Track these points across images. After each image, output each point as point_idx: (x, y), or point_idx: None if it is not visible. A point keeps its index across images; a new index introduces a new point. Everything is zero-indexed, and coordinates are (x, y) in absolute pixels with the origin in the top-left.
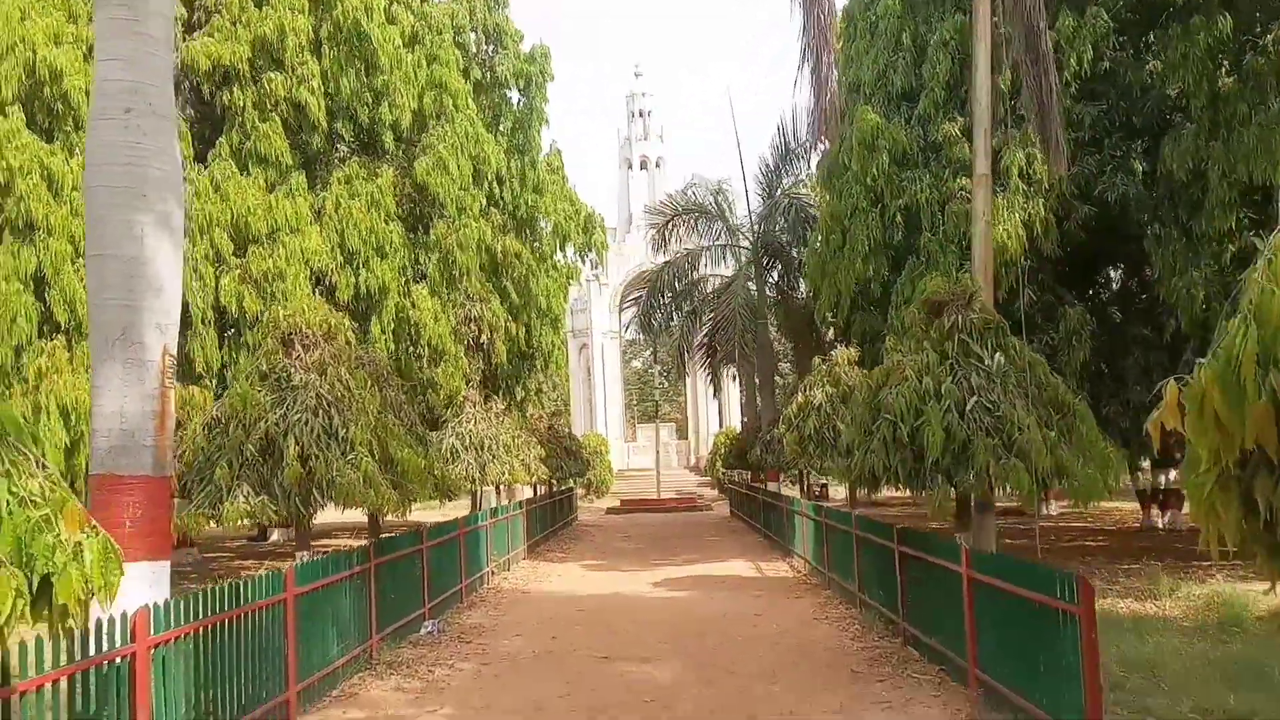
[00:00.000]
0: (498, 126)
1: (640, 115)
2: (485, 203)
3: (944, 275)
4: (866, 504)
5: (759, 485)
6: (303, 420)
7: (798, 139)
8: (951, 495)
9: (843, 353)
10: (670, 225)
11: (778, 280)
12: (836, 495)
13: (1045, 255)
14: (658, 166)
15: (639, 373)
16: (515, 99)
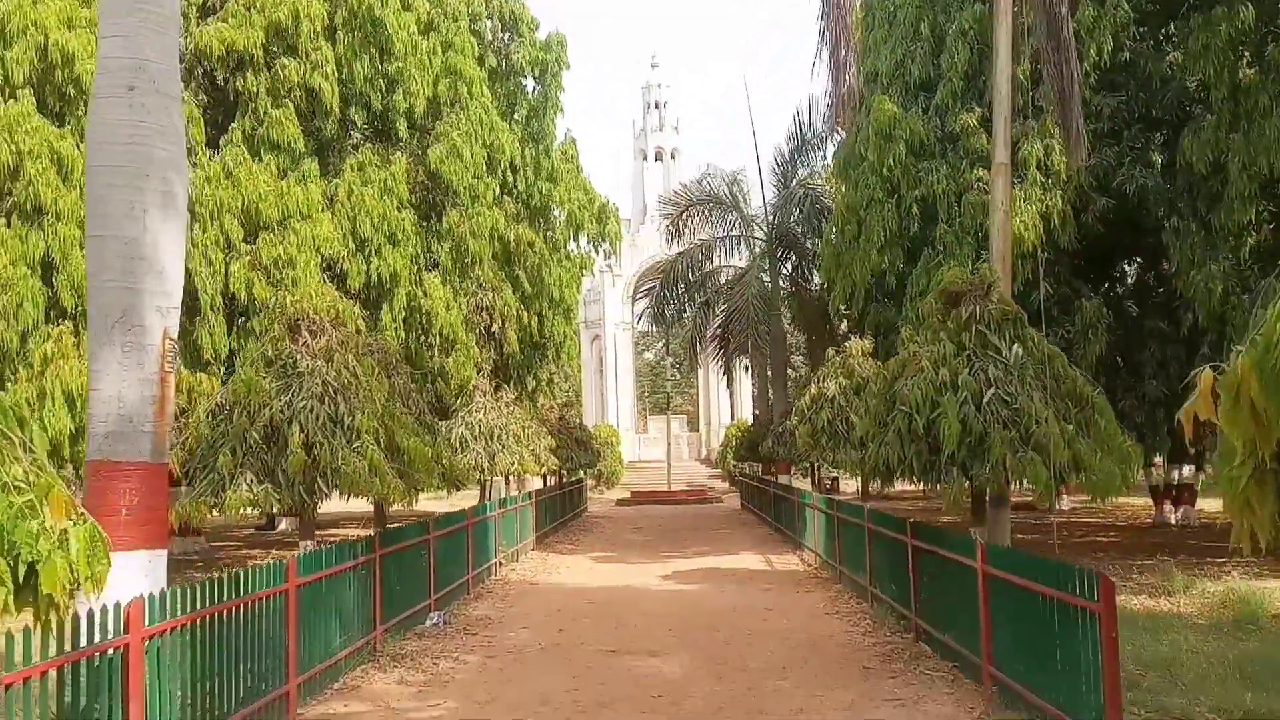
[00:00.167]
0: (512, 114)
1: (656, 106)
2: (499, 191)
3: (960, 266)
4: (878, 498)
5: (770, 478)
6: (308, 407)
7: (813, 129)
8: (966, 489)
9: (856, 344)
10: (685, 215)
11: (792, 271)
12: (847, 489)
13: (1062, 248)
14: (673, 158)
15: (651, 364)
16: (530, 87)
